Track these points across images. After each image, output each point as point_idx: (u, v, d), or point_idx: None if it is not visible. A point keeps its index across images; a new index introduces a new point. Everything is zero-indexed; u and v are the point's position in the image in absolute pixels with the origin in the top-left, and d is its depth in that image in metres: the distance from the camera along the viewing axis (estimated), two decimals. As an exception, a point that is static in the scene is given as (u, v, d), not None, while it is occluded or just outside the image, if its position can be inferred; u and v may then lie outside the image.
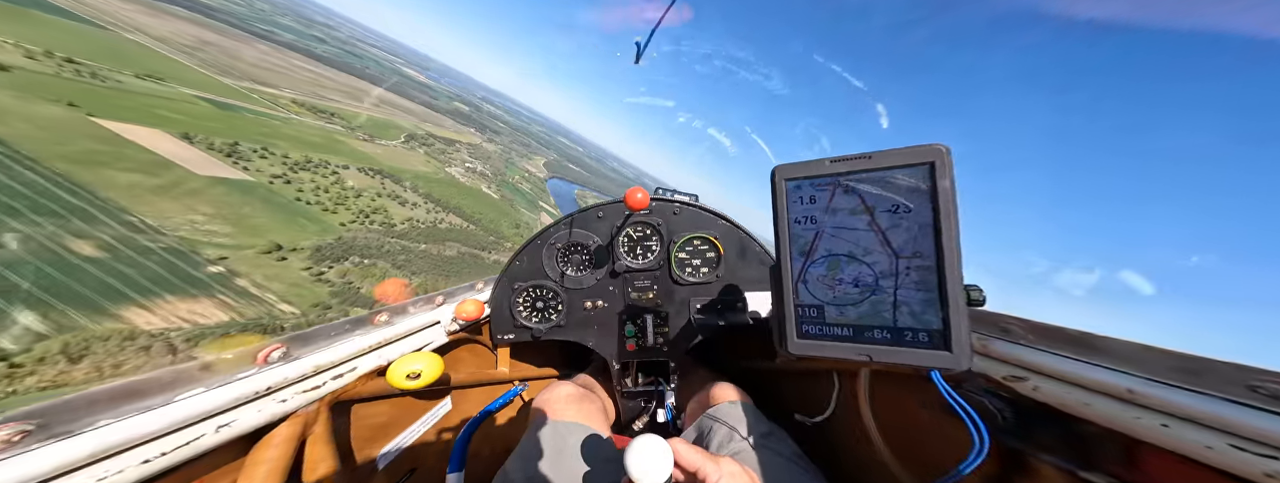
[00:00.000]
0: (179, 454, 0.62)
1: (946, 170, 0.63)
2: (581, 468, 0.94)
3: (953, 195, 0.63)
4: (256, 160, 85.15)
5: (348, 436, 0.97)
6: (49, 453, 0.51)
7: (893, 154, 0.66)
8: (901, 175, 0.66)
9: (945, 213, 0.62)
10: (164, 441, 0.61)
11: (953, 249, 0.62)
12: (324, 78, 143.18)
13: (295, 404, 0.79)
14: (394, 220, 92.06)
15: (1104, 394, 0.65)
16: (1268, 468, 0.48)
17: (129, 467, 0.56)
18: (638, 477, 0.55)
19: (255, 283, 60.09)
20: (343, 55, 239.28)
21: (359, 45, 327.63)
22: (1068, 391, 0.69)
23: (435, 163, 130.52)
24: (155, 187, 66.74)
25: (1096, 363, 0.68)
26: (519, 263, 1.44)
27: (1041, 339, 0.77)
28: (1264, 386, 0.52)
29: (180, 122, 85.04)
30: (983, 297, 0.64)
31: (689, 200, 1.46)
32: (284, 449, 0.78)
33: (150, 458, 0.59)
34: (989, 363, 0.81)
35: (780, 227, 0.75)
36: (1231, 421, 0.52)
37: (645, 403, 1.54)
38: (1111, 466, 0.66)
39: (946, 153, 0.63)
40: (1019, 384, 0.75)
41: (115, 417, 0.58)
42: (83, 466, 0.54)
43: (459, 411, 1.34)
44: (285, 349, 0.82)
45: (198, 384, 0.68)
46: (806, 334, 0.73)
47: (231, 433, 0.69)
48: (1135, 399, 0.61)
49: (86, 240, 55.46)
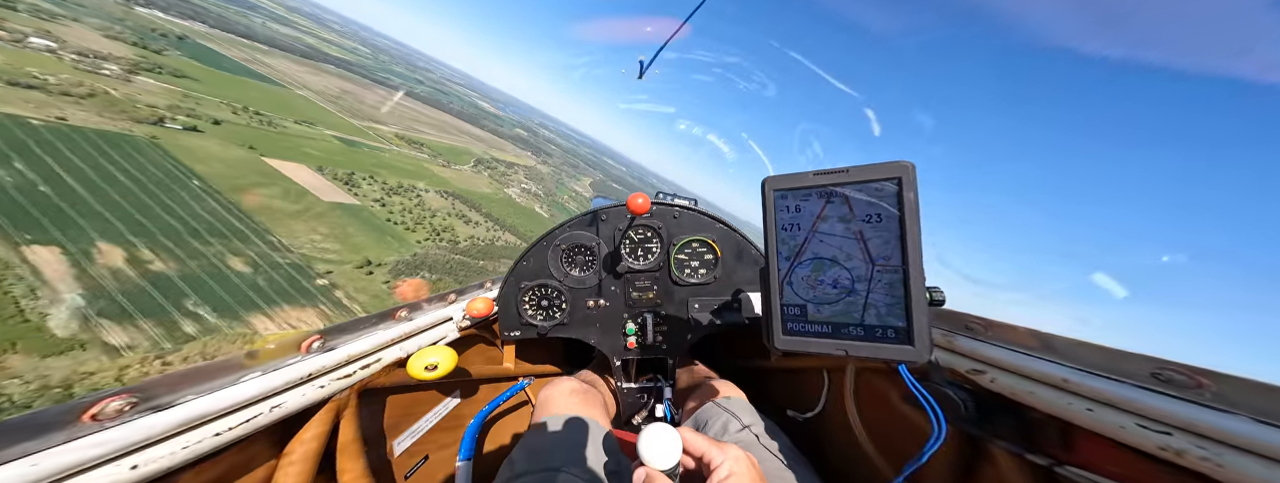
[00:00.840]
0: (241, 430, 0.69)
1: (912, 184, 0.69)
2: (583, 459, 0.98)
3: (916, 207, 0.68)
4: (364, 186, 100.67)
5: (372, 421, 1.03)
6: (147, 423, 0.59)
7: (867, 169, 0.72)
8: (874, 188, 0.72)
9: (910, 222, 0.68)
10: (230, 417, 0.69)
11: (916, 254, 0.68)
12: (420, 114, 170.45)
13: (331, 390, 0.86)
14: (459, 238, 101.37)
15: (1045, 384, 0.73)
16: (1160, 442, 0.57)
17: (205, 438, 0.64)
18: (649, 460, 0.60)
19: (347, 295, 70.05)
20: (434, 93, 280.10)
21: (446, 83, 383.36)
22: (1018, 382, 0.77)
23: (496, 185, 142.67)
24: (292, 212, 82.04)
25: (1042, 357, 0.77)
26: (526, 263, 1.49)
27: (999, 336, 0.86)
28: (1163, 373, 0.61)
29: (317, 157, 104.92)
30: (943, 297, 0.72)
31: (689, 205, 1.53)
32: (321, 431, 0.85)
33: (221, 432, 0.66)
34: (954, 358, 0.90)
35: (769, 232, 0.82)
36: (1138, 403, 0.61)
37: (644, 399, 1.59)
38: (1052, 448, 0.74)
39: (912, 169, 0.69)
40: (979, 377, 0.83)
41: (196, 394, 0.66)
42: (172, 435, 0.62)
43: (469, 403, 1.40)
44: (323, 339, 0.90)
45: (256, 369, 0.76)
46: (791, 331, 0.79)
47: (282, 413, 0.76)
48: (1068, 387, 0.70)
49: (240, 257, 70.47)
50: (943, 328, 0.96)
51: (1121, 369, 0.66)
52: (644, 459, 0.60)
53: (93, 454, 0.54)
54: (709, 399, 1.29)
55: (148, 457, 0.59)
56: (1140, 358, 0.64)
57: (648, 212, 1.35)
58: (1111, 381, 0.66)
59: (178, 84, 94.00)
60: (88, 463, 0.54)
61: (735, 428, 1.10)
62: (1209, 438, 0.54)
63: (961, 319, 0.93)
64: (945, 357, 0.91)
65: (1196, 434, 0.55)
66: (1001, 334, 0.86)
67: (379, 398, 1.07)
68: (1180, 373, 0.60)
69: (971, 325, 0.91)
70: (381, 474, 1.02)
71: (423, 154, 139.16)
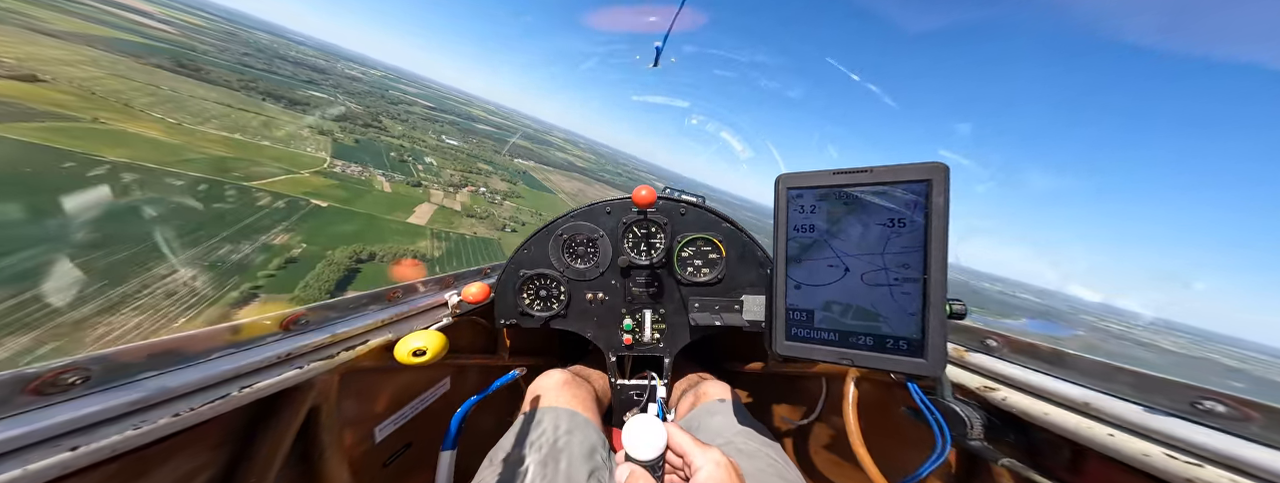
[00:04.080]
0: (205, 411, 0.64)
1: (943, 189, 0.65)
2: (570, 453, 0.96)
3: (946, 213, 0.65)
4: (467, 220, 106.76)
5: (354, 406, 0.99)
6: (96, 400, 0.55)
7: (893, 170, 0.68)
8: (900, 191, 0.67)
9: (937, 229, 0.65)
10: (193, 397, 0.64)
11: (940, 264, 0.64)
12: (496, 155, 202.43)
13: (312, 372, 0.82)
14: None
15: (1063, 405, 0.71)
16: (1189, 474, 0.55)
17: (163, 418, 0.59)
18: (632, 451, 0.59)
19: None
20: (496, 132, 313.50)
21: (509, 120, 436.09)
22: (1032, 402, 0.75)
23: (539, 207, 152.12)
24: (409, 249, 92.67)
25: (1063, 377, 0.74)
26: (527, 251, 1.46)
27: (1018, 353, 0.83)
28: (1204, 402, 0.57)
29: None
30: (964, 310, 0.68)
31: (695, 201, 1.49)
32: (297, 414, 0.81)
33: (181, 412, 0.62)
34: (966, 374, 0.88)
35: (779, 232, 0.78)
36: (1169, 432, 0.58)
37: (637, 396, 1.53)
38: (1059, 471, 0.73)
39: (945, 172, 0.65)
40: (990, 394, 0.81)
41: (156, 371, 0.62)
42: (122, 415, 0.57)
43: (457, 390, 1.36)
44: (308, 318, 0.86)
45: (229, 346, 0.72)
46: (795, 337, 0.77)
47: (253, 395, 0.71)
48: (1088, 410, 0.67)
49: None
50: (957, 342, 0.93)
51: (1155, 396, 0.63)
52: (627, 449, 0.59)
53: (25, 434, 0.48)
54: (703, 400, 1.27)
55: (91, 438, 0.53)
56: (1178, 385, 0.61)
57: (653, 205, 1.31)
58: (1141, 407, 0.63)
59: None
60: (18, 444, 0.48)
61: (727, 431, 1.07)
62: (1249, 474, 0.51)
63: (979, 334, 0.90)
64: (955, 371, 0.88)
65: (1235, 469, 0.52)
66: (1022, 352, 0.82)
67: (364, 382, 1.03)
68: (1224, 403, 0.56)
69: (990, 341, 0.88)
70: (359, 462, 0.99)
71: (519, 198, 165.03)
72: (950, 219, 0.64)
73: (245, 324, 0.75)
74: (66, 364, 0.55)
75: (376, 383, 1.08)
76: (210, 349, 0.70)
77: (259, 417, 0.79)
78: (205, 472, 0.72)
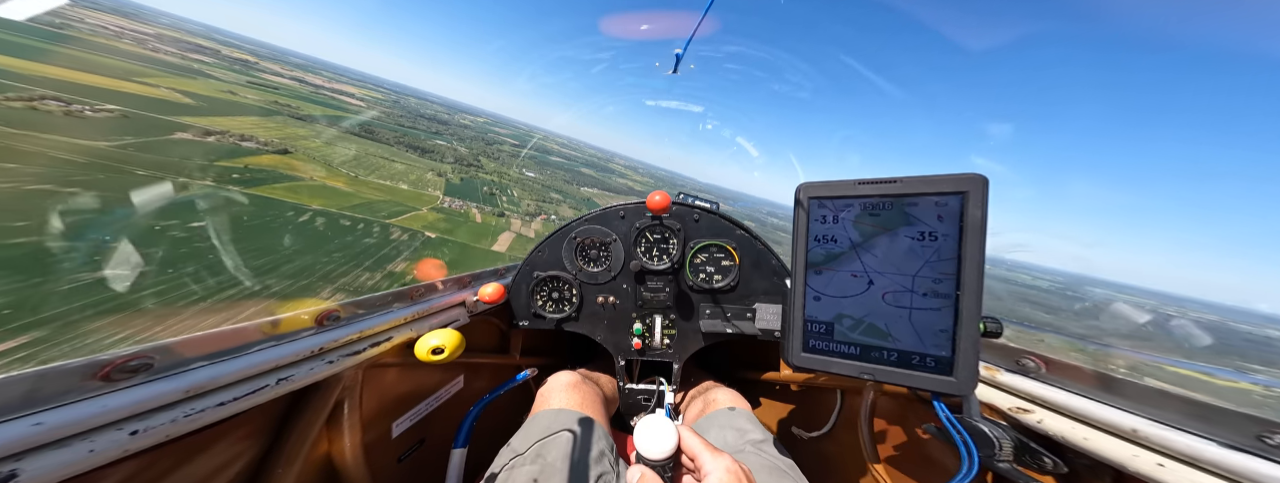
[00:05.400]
0: (247, 401, 0.68)
1: (980, 202, 0.61)
2: (578, 456, 0.96)
3: (982, 227, 0.62)
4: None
5: (374, 401, 1.02)
6: (155, 388, 0.58)
7: (924, 181, 0.65)
8: (932, 203, 0.64)
9: (972, 244, 0.62)
10: (236, 388, 0.67)
11: (974, 280, 0.62)
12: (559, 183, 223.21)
13: (340, 367, 0.84)
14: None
15: (1107, 432, 0.67)
16: None
17: (209, 408, 0.63)
18: (643, 450, 0.58)
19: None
20: (567, 164, 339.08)
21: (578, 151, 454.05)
22: (1072, 426, 0.71)
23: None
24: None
25: (1109, 403, 0.69)
26: (541, 253, 1.49)
27: (1058, 375, 0.79)
28: (1274, 436, 0.53)
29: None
30: (999, 329, 0.66)
31: (710, 208, 1.49)
32: (324, 408, 0.85)
33: (225, 402, 0.65)
34: (996, 393, 0.84)
35: (798, 242, 0.76)
36: (1231, 466, 0.54)
37: (645, 401, 1.55)
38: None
39: (983, 185, 0.62)
40: (1024, 416, 0.77)
41: (208, 361, 0.66)
42: (176, 403, 0.60)
43: (470, 388, 1.40)
44: (340, 313, 0.89)
45: (269, 339, 0.75)
46: (813, 349, 0.75)
47: (288, 387, 0.75)
48: (1136, 438, 0.63)
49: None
50: (988, 361, 0.88)
51: (1216, 427, 0.58)
52: (638, 449, 0.59)
53: (93, 416, 0.52)
54: (712, 408, 1.25)
55: (149, 423, 0.57)
56: (1244, 417, 0.57)
57: (667, 211, 1.33)
58: (1200, 438, 0.59)
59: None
60: (88, 426, 0.52)
61: (736, 439, 1.06)
62: None
63: (1014, 353, 0.85)
64: (984, 390, 0.84)
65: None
66: (1062, 374, 0.78)
67: (385, 378, 1.05)
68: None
69: (1025, 362, 0.83)
70: (376, 457, 1.01)
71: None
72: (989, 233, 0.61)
73: (284, 319, 0.79)
74: (135, 352, 0.58)
75: (396, 379, 1.10)
76: (254, 342, 0.73)
77: (291, 408, 0.82)
78: (241, 459, 0.75)
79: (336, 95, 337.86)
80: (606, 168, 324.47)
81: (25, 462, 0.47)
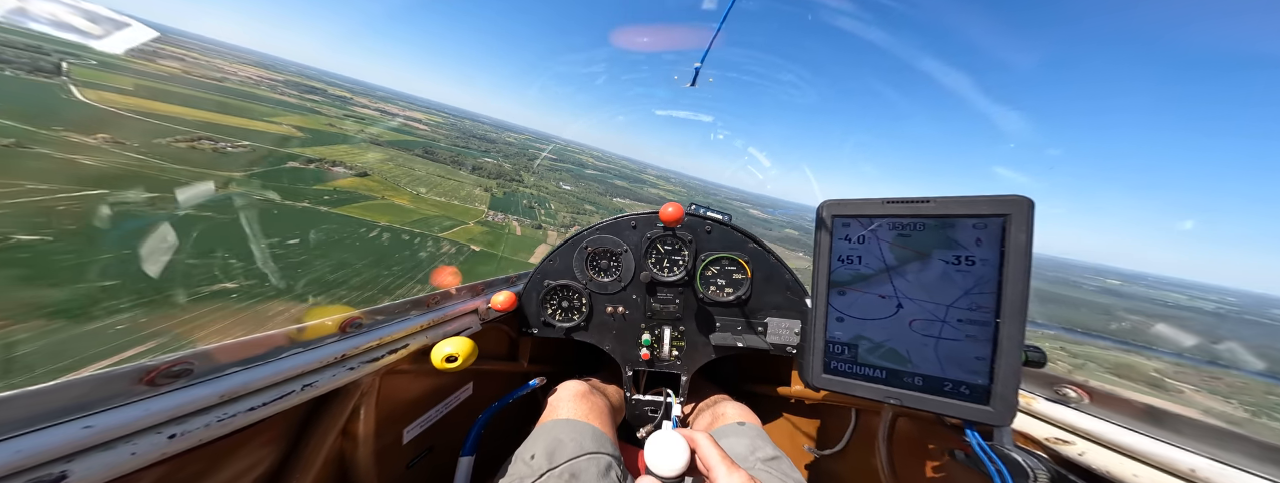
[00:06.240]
0: (273, 407, 0.69)
1: (1024, 225, 0.58)
2: (584, 467, 0.96)
3: (1026, 252, 0.58)
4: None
5: (388, 408, 1.03)
6: (194, 393, 0.60)
7: (961, 202, 0.61)
8: (969, 225, 0.61)
9: (1015, 269, 0.58)
10: (266, 393, 0.69)
11: (1017, 306, 0.58)
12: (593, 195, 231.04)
13: (360, 373, 0.86)
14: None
15: (1160, 469, 0.63)
16: None
17: (239, 413, 0.64)
18: (654, 466, 0.58)
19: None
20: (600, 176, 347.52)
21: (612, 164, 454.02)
22: (1121, 461, 0.67)
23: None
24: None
25: (1162, 438, 0.66)
26: (552, 262, 1.50)
27: (1104, 406, 0.75)
28: None
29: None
30: (1043, 358, 0.63)
31: (722, 220, 1.48)
32: (343, 412, 0.86)
33: (255, 407, 0.66)
34: (1033, 422, 0.80)
35: (820, 261, 0.75)
36: None
37: (651, 412, 1.53)
38: None
39: (1028, 208, 0.58)
40: (1063, 447, 0.74)
41: (241, 367, 0.68)
42: (211, 407, 0.62)
43: (479, 396, 1.41)
44: (362, 320, 0.91)
45: (297, 345, 0.77)
46: (834, 370, 0.73)
47: (312, 393, 0.76)
48: (1194, 478, 0.60)
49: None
50: (1023, 388, 0.84)
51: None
52: (649, 465, 0.58)
53: (136, 419, 0.54)
54: (721, 422, 1.24)
55: (186, 427, 0.58)
56: None
57: (679, 222, 1.33)
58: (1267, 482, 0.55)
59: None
60: (131, 429, 0.53)
61: (746, 454, 1.04)
62: None
63: (1054, 381, 0.81)
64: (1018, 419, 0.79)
65: None
66: (1108, 405, 0.74)
67: (398, 384, 1.06)
68: None
69: (1066, 390, 0.79)
70: (387, 463, 1.02)
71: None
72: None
73: (310, 325, 0.80)
74: (178, 357, 0.60)
75: (409, 385, 1.11)
76: (282, 348, 0.74)
77: (311, 414, 0.83)
78: (262, 464, 0.76)
79: (408, 122, 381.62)
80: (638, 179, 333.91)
81: (75, 463, 0.48)
